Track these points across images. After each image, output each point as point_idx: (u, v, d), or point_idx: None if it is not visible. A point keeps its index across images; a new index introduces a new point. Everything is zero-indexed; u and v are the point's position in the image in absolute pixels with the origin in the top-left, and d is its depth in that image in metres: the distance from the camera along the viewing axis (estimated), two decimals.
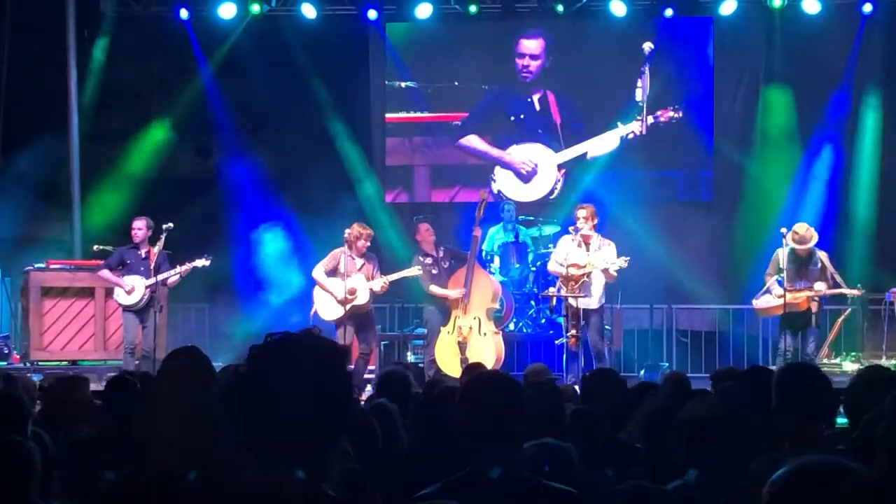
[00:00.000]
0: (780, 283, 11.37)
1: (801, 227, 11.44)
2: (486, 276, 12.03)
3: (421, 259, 11.85)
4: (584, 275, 11.20)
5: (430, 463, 4.27)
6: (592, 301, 11.33)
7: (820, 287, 11.32)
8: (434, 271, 11.83)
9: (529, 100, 15.76)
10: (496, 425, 3.39)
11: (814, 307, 11.40)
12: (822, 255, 11.51)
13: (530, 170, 15.73)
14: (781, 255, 11.38)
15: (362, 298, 11.38)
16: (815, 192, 14.97)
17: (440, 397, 5.27)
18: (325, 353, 2.22)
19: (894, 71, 14.85)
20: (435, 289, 11.77)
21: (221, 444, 3.49)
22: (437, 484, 3.40)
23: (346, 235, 11.48)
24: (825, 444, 3.97)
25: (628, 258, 11.21)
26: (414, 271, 11.64)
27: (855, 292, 11.73)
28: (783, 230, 11.41)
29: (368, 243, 11.52)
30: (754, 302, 11.90)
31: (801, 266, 11.43)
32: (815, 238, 11.43)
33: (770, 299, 11.60)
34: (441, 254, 11.98)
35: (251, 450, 2.14)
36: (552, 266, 11.73)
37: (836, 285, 11.52)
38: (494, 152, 15.89)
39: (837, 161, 15.11)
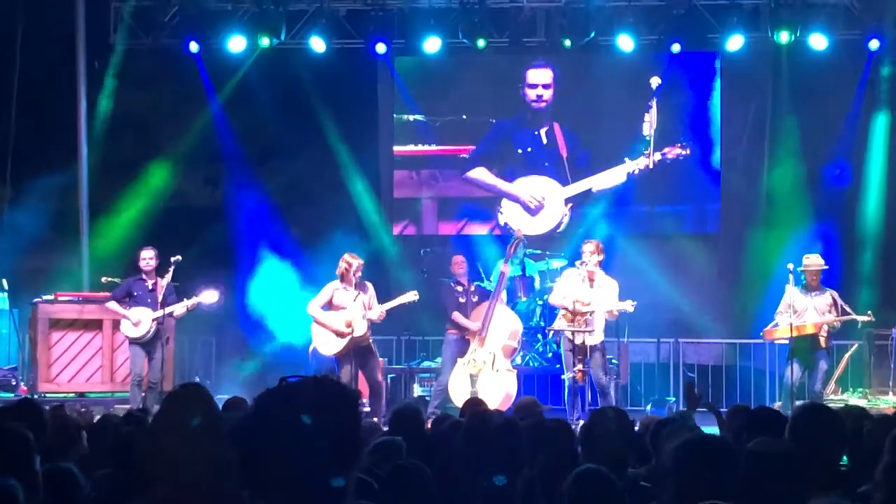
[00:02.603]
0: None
1: (812, 256, 11.66)
2: (508, 314, 12.13)
3: (452, 285, 12.16)
4: (588, 312, 11.14)
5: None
6: (594, 338, 11.21)
7: (831, 316, 11.37)
8: (462, 300, 12.09)
9: (536, 133, 15.80)
10: (486, 466, 3.39)
11: (822, 340, 11.41)
12: (833, 293, 11.55)
13: (538, 204, 15.75)
14: (790, 291, 11.42)
15: (360, 330, 11.36)
16: (822, 226, 14.96)
17: (447, 434, 5.24)
18: (334, 399, 2.23)
19: None
20: (457, 316, 11.98)
21: (227, 481, 3.48)
22: None
23: (338, 269, 11.46)
24: (838, 484, 3.96)
25: (634, 302, 11.08)
26: (409, 297, 11.64)
27: (865, 318, 11.72)
28: (790, 266, 11.44)
29: (360, 273, 11.45)
30: (764, 330, 11.93)
31: (812, 299, 11.46)
32: (824, 265, 11.52)
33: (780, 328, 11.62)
34: (472, 287, 12.27)
35: (255, 492, 2.17)
36: (555, 298, 11.62)
37: (846, 314, 11.56)
38: (502, 185, 15.92)
39: (844, 195, 15.13)
